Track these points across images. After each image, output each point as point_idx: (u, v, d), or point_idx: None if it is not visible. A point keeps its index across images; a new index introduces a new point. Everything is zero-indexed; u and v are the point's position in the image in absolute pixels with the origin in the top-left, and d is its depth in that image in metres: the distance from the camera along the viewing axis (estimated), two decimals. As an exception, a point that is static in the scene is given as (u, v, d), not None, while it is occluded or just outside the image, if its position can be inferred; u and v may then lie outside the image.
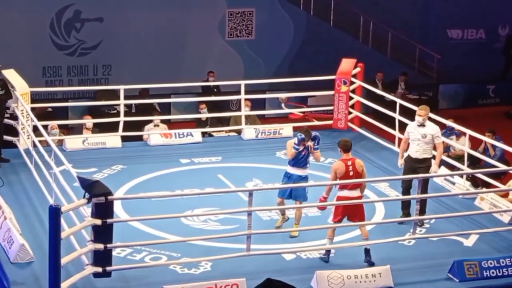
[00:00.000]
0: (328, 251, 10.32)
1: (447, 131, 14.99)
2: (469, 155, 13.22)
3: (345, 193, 10.22)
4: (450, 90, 21.31)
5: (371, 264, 10.09)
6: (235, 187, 12.07)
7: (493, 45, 22.32)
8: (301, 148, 10.87)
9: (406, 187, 11.49)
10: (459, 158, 13.72)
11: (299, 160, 10.96)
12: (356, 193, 10.24)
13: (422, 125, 11.42)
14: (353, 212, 10.26)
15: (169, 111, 18.31)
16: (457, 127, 13.94)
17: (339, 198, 10.29)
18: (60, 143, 14.15)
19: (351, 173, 10.27)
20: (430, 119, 11.74)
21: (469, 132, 13.29)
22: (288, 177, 11.03)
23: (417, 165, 11.37)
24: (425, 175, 11.09)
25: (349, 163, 10.32)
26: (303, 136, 10.86)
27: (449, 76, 21.39)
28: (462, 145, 13.62)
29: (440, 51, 21.22)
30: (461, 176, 12.90)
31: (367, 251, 10.24)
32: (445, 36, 21.92)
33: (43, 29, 18.38)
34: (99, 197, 9.01)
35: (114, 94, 16.28)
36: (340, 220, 10.25)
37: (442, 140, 11.58)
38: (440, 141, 11.44)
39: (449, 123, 14.20)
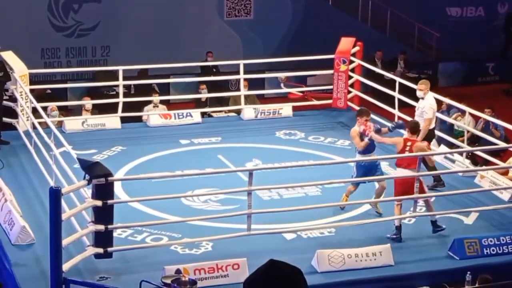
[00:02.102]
0: (398, 228, 10.29)
1: (445, 110, 14.96)
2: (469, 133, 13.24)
3: (400, 171, 10.42)
4: (450, 68, 21.27)
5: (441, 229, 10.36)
6: (235, 167, 12.07)
7: (492, 22, 22.25)
8: (368, 135, 10.81)
9: None
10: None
11: (368, 147, 11.00)
12: (408, 172, 10.28)
13: (422, 98, 11.89)
14: (407, 191, 10.32)
15: (168, 91, 18.26)
16: (456, 105, 13.92)
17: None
18: (59, 125, 14.13)
19: (407, 153, 10.40)
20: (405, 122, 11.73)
21: (468, 109, 13.30)
22: (365, 167, 10.88)
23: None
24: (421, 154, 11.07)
25: (409, 143, 10.47)
26: (399, 123, 11.18)
27: (448, 54, 21.33)
28: (463, 124, 13.61)
29: (439, 29, 21.15)
30: (460, 154, 12.90)
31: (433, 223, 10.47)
32: (444, 14, 21.84)
33: (41, 11, 18.31)
34: (99, 179, 9.02)
35: (113, 75, 16.24)
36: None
37: (430, 117, 11.75)
38: (427, 117, 11.67)
39: (448, 101, 14.17)
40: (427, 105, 11.83)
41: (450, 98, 14.19)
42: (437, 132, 13.91)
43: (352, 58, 15.32)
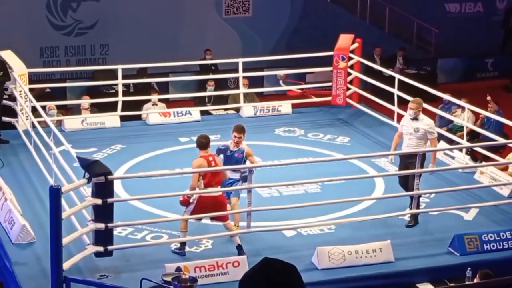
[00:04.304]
0: (183, 244, 9.80)
1: (444, 106, 14.97)
2: (468, 129, 13.24)
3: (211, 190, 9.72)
4: (449, 64, 21.25)
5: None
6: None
7: (491, 18, 22.22)
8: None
9: (402, 182, 10.94)
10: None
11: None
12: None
13: (415, 118, 10.82)
14: (217, 210, 9.76)
15: (167, 90, 18.26)
16: (456, 101, 13.92)
17: (202, 198, 9.71)
18: (59, 124, 14.14)
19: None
20: (426, 111, 11.46)
21: (467, 106, 13.31)
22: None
23: (408, 161, 10.77)
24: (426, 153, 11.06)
25: (210, 158, 9.84)
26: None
27: (447, 50, 21.32)
28: (462, 120, 13.61)
29: (438, 25, 21.13)
30: (460, 150, 12.91)
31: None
32: (443, 10, 21.82)
33: (40, 10, 18.29)
34: (99, 177, 9.02)
35: (112, 74, 16.24)
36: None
37: (435, 136, 10.91)
38: (433, 137, 10.82)
39: (446, 97, 14.19)
40: (428, 125, 10.83)
41: (450, 95, 14.21)
42: (437, 129, 13.92)
43: (351, 55, 15.32)
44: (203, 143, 9.88)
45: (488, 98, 14.28)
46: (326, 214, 10.67)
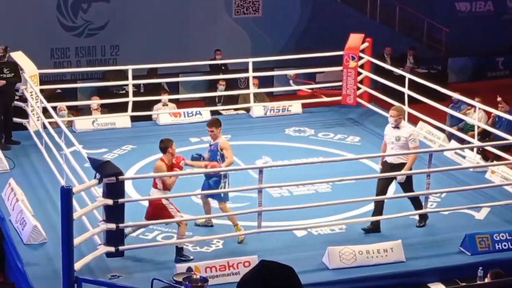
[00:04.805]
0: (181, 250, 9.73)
1: (454, 105, 14.92)
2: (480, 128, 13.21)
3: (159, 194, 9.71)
4: (459, 63, 21.20)
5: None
6: (245, 165, 12.07)
7: (502, 17, 22.15)
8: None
9: (380, 191, 10.53)
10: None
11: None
12: (157, 193, 9.73)
13: (396, 127, 10.53)
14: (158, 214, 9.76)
15: (177, 90, 18.29)
16: (466, 100, 13.88)
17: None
18: (70, 124, 14.18)
19: (177, 170, 9.81)
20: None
21: (479, 105, 13.26)
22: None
23: (392, 171, 10.51)
24: (437, 149, 11.06)
25: (174, 160, 9.86)
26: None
27: (457, 49, 21.26)
28: (474, 119, 13.57)
29: (448, 24, 21.08)
30: (471, 149, 12.87)
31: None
32: (453, 9, 21.76)
33: (50, 11, 18.34)
34: (110, 177, 9.04)
35: (123, 75, 16.27)
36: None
37: (417, 145, 10.54)
38: (414, 146, 10.44)
39: (456, 96, 14.15)
40: (409, 133, 10.48)
41: (460, 93, 14.17)
42: (447, 128, 13.90)
43: (361, 55, 15.31)
44: (160, 148, 9.94)
45: (499, 99, 14.24)
46: (337, 214, 10.66)
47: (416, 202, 10.61)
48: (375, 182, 11.34)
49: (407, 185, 10.54)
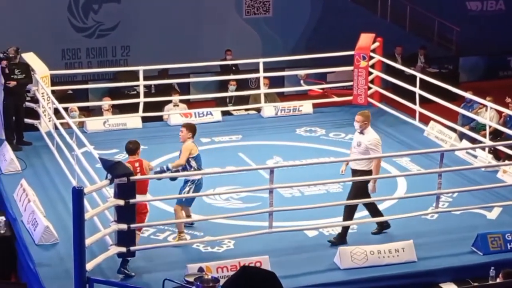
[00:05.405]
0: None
1: (467, 104, 14.88)
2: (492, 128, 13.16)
3: (141, 198, 9.45)
4: (470, 63, 21.14)
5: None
6: (256, 165, 12.08)
7: (513, 16, 22.07)
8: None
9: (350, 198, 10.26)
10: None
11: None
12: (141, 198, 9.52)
13: (361, 132, 10.23)
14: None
15: (188, 90, 18.32)
16: (478, 99, 13.84)
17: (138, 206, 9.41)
18: (81, 125, 14.21)
19: (139, 175, 9.55)
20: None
21: (491, 105, 13.22)
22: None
23: (352, 176, 10.26)
24: (450, 148, 11.02)
25: (137, 164, 9.67)
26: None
27: (469, 48, 21.20)
28: (485, 119, 13.53)
29: (459, 23, 21.02)
30: (483, 149, 12.83)
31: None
32: (464, 8, 21.70)
33: (61, 12, 18.39)
34: (121, 178, 9.05)
35: (134, 75, 16.30)
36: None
37: (379, 154, 10.16)
38: (375, 154, 10.08)
39: (468, 95, 14.11)
40: (370, 140, 10.11)
41: (471, 92, 14.13)
42: (459, 127, 13.86)
43: (372, 54, 15.28)
44: (130, 149, 9.82)
45: (508, 100, 14.19)
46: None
47: (373, 210, 10.32)
48: (387, 182, 11.33)
49: (356, 188, 10.22)
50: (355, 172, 10.26)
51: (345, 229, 10.20)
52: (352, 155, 10.43)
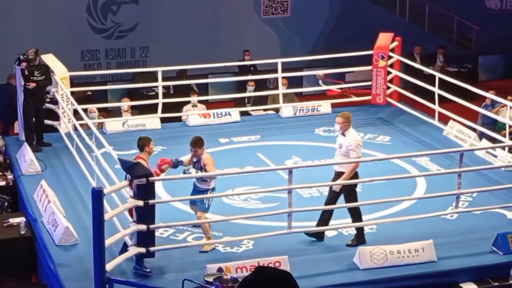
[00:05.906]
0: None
1: (487, 103, 14.78)
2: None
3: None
4: (490, 62, 21.03)
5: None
6: (275, 165, 12.07)
7: (533, 14, 21.94)
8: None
9: (328, 201, 10.18)
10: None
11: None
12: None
13: (342, 134, 10.08)
14: None
15: (206, 91, 18.35)
16: (499, 99, 13.76)
17: None
18: (100, 126, 14.27)
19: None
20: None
21: (510, 104, 13.14)
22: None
23: (335, 179, 10.09)
24: (469, 148, 10.95)
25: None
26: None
27: (488, 47, 21.10)
28: (506, 118, 13.44)
29: (478, 22, 20.92)
30: (503, 148, 12.76)
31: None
32: (483, 7, 21.59)
33: (80, 13, 18.48)
34: (141, 179, 9.08)
35: (152, 76, 16.36)
36: None
37: (358, 156, 9.94)
38: (354, 155, 9.89)
39: (490, 96, 14.02)
40: (350, 142, 9.93)
41: (494, 92, 14.04)
42: (478, 127, 13.79)
43: (391, 54, 15.24)
44: (138, 145, 9.99)
45: None
46: (368, 214, 10.60)
47: (355, 216, 10.16)
48: (406, 182, 11.30)
49: (347, 195, 10.10)
50: (337, 175, 10.08)
51: (360, 230, 10.16)
52: (336, 157, 10.26)
